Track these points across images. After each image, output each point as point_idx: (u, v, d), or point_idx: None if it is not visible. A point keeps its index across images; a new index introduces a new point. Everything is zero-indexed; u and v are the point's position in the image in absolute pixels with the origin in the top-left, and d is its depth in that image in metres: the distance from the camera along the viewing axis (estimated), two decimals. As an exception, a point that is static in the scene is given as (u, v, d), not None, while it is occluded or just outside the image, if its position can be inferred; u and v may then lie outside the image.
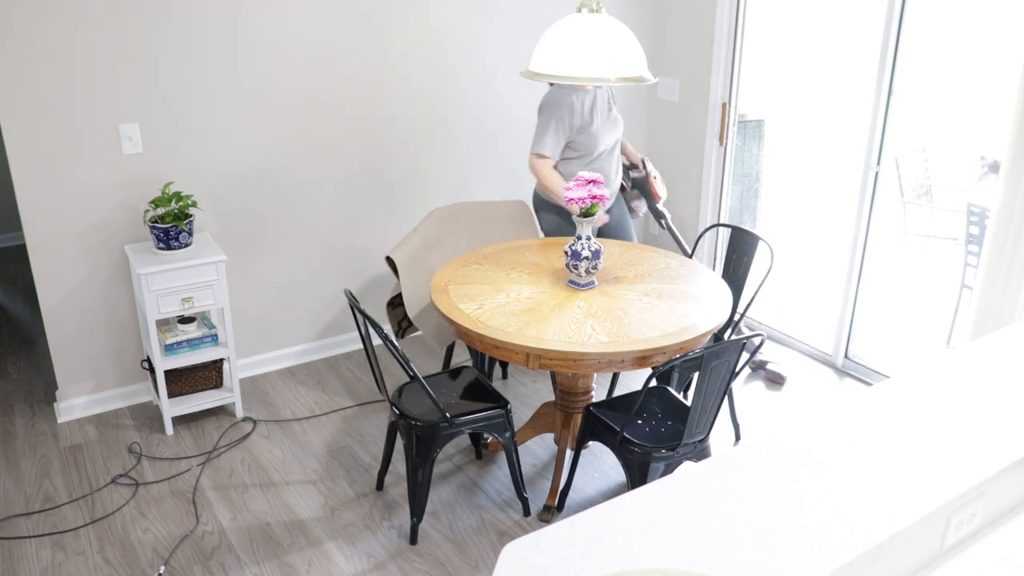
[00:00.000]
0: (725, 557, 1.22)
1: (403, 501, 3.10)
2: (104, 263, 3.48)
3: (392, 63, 3.92)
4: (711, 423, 2.72)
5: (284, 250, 3.92)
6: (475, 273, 3.14)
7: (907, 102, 4.33)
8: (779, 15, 4.60)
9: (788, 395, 3.90)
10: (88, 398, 3.63)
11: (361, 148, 3.98)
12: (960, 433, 1.54)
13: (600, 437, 2.84)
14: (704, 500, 1.34)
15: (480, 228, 3.71)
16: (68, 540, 2.87)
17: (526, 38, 4.25)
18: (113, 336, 3.60)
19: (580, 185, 2.89)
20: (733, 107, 4.51)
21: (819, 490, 1.37)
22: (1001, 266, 3.18)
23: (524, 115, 4.43)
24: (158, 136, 3.45)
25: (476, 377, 3.10)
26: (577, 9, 2.55)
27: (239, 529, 2.94)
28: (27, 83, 3.13)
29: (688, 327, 2.72)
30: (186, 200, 3.40)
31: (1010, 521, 1.53)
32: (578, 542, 1.24)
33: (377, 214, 4.13)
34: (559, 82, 2.47)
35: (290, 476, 3.24)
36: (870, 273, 4.04)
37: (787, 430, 1.56)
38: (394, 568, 2.76)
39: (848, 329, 4.09)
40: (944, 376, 1.75)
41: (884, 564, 1.31)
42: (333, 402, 3.78)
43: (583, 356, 2.59)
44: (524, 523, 3.00)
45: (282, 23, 3.58)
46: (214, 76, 3.49)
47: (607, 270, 3.19)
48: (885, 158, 3.81)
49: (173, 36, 3.35)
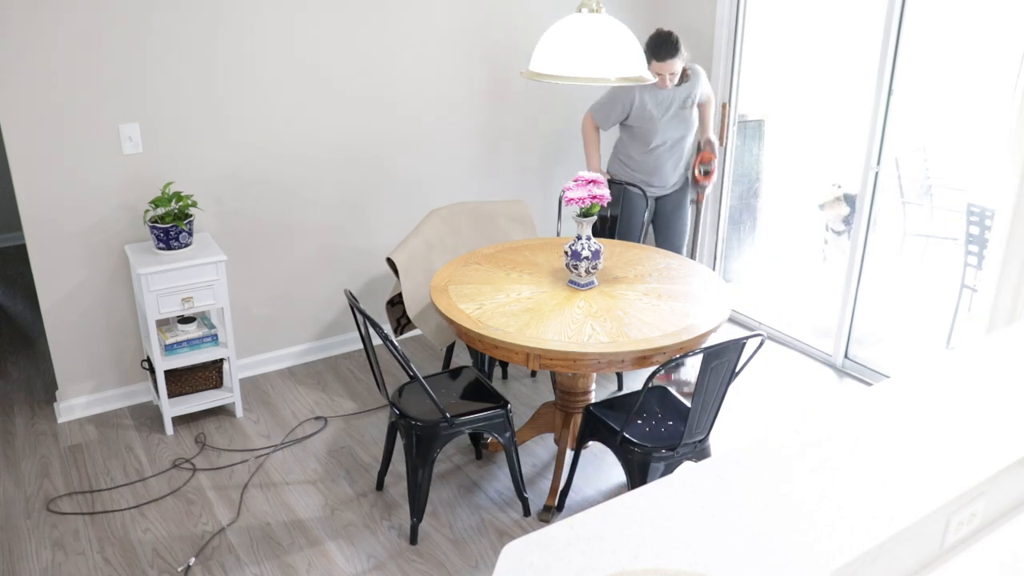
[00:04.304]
0: (725, 557, 1.22)
1: (403, 501, 3.10)
2: (104, 263, 3.48)
3: (393, 63, 3.92)
4: (711, 423, 2.72)
5: (284, 250, 3.92)
6: (475, 273, 3.14)
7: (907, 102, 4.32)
8: (779, 15, 4.60)
9: (788, 395, 3.90)
10: (88, 398, 3.63)
11: (361, 148, 3.97)
12: (960, 433, 1.54)
13: (600, 437, 2.84)
14: (704, 500, 1.34)
15: (480, 228, 3.72)
16: (68, 540, 2.87)
17: (526, 38, 4.25)
18: (113, 336, 3.60)
19: (580, 185, 2.89)
20: (733, 107, 4.51)
21: (819, 490, 1.37)
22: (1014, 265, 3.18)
23: (525, 115, 4.43)
24: (158, 136, 3.45)
25: (476, 377, 3.10)
26: (577, 9, 2.55)
27: (239, 529, 2.94)
28: (27, 83, 3.13)
29: (688, 327, 2.72)
30: (186, 200, 3.40)
31: (1010, 521, 1.53)
32: (578, 542, 1.24)
33: (377, 214, 4.13)
34: (569, 82, 2.50)
35: (290, 476, 3.24)
36: (870, 273, 4.04)
37: (787, 430, 1.55)
38: (394, 568, 2.76)
39: (848, 329, 4.09)
40: (944, 376, 1.75)
41: (884, 564, 1.31)
42: (333, 402, 3.78)
43: (583, 356, 2.59)
44: (524, 523, 3.00)
45: (283, 23, 3.58)
46: (214, 76, 3.49)
47: (607, 270, 3.19)
48: (885, 158, 3.81)
49: (174, 36, 3.35)
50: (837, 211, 5.13)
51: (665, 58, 3.56)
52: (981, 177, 5.11)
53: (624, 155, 3.96)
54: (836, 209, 5.12)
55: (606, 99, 3.84)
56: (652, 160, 3.88)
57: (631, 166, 3.93)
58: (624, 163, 3.97)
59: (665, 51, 3.55)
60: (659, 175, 3.92)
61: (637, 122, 3.80)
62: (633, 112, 3.78)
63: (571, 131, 4.61)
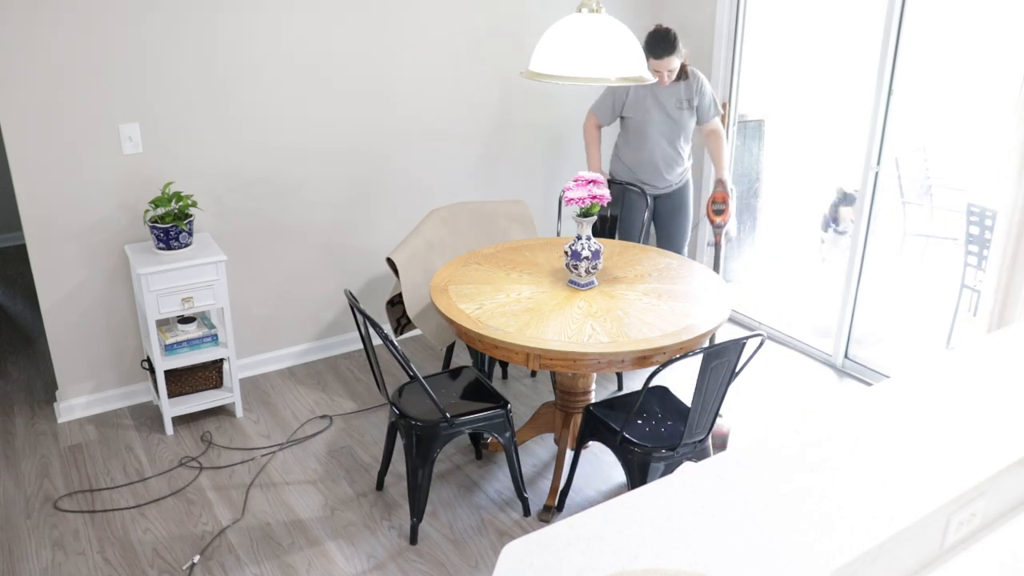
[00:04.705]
0: (725, 557, 1.22)
1: (403, 501, 3.10)
2: (104, 263, 3.48)
3: (394, 63, 3.92)
4: (711, 423, 2.72)
5: (284, 250, 3.92)
6: (475, 273, 3.14)
7: (907, 102, 4.32)
8: (779, 15, 4.60)
9: (788, 395, 3.90)
10: (88, 398, 3.63)
11: (361, 148, 3.97)
12: (960, 433, 1.54)
13: (600, 437, 2.84)
14: (704, 500, 1.34)
15: (480, 228, 3.72)
16: (68, 540, 2.87)
17: (526, 38, 4.25)
18: (113, 336, 3.60)
19: (580, 185, 2.89)
20: (733, 107, 4.51)
21: (819, 490, 1.37)
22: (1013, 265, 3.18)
23: (525, 115, 4.43)
24: (158, 136, 3.45)
25: (476, 377, 3.10)
26: (577, 9, 2.55)
27: (239, 529, 2.94)
28: (27, 83, 3.13)
29: (688, 327, 2.72)
30: (186, 200, 3.40)
31: (1010, 521, 1.53)
32: (578, 542, 1.24)
33: (377, 214, 4.13)
34: (569, 82, 2.50)
35: (290, 476, 3.24)
36: (870, 273, 4.04)
37: (787, 430, 1.55)
38: (394, 568, 2.76)
39: (848, 329, 4.09)
40: (944, 376, 1.75)
41: (884, 564, 1.31)
42: (333, 402, 3.78)
43: (583, 356, 2.59)
44: (524, 523, 3.00)
45: (283, 23, 3.58)
46: (214, 76, 3.49)
47: (607, 270, 3.19)
48: (885, 158, 3.81)
49: (173, 37, 3.35)
50: (846, 211, 5.13)
51: (662, 55, 3.57)
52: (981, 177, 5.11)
53: (622, 153, 3.97)
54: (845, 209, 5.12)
55: (604, 94, 3.89)
56: (647, 156, 3.88)
57: (628, 163, 3.94)
58: (622, 161, 3.97)
59: (662, 48, 3.56)
60: (655, 173, 3.92)
61: (632, 112, 3.82)
62: (628, 101, 3.80)
63: (571, 131, 4.61)
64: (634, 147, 3.91)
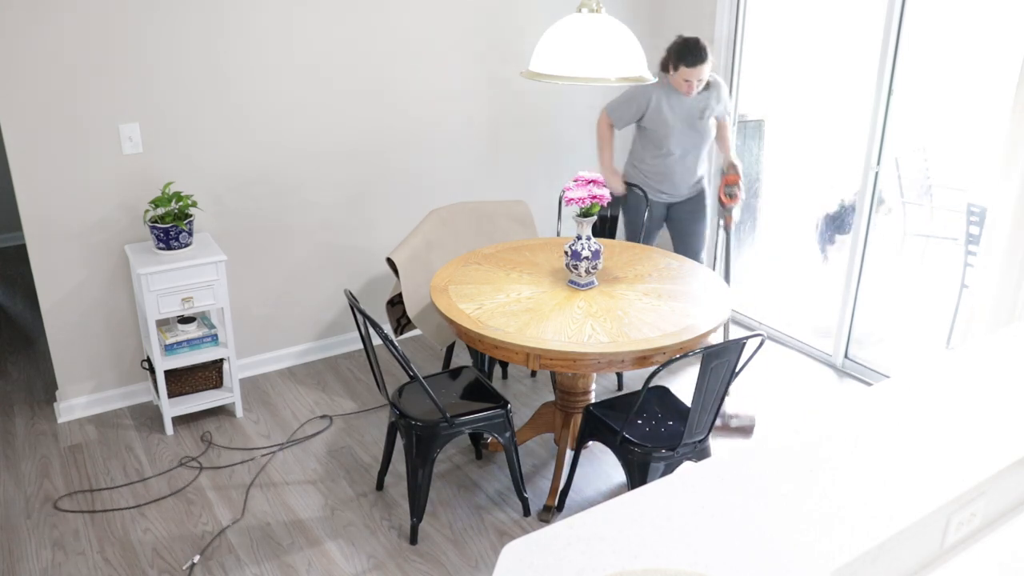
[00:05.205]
0: (725, 557, 1.22)
1: (403, 501, 3.10)
2: (104, 263, 3.48)
3: (394, 63, 3.92)
4: (711, 423, 2.72)
5: (284, 250, 3.92)
6: (475, 273, 3.14)
7: (907, 102, 4.32)
8: (779, 15, 4.60)
9: (788, 395, 3.90)
10: (88, 398, 3.63)
11: (361, 148, 3.97)
12: (960, 433, 1.54)
13: (600, 437, 2.84)
14: (704, 500, 1.34)
15: (480, 228, 3.72)
16: (68, 540, 2.87)
17: (526, 38, 4.25)
18: (113, 336, 3.60)
19: (580, 185, 2.89)
20: (733, 107, 4.51)
21: (819, 490, 1.37)
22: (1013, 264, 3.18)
23: (525, 115, 4.43)
24: (158, 136, 3.45)
25: (476, 377, 3.10)
26: (577, 9, 2.55)
27: (239, 529, 2.94)
28: (27, 83, 3.13)
29: (688, 327, 2.72)
30: (186, 200, 3.40)
31: (1010, 521, 1.53)
32: (578, 542, 1.24)
33: (377, 214, 4.13)
34: (569, 82, 2.50)
35: (290, 476, 3.24)
36: (870, 273, 4.04)
37: (787, 430, 1.55)
38: (394, 568, 2.76)
39: (848, 329, 4.09)
40: (944, 376, 1.75)
41: (884, 564, 1.31)
42: (333, 402, 3.78)
43: (583, 356, 2.59)
44: (524, 523, 3.00)
45: (283, 23, 3.58)
46: (214, 76, 3.49)
47: (607, 270, 3.19)
48: (885, 158, 3.81)
49: (174, 36, 3.35)
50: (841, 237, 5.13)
51: (695, 64, 3.48)
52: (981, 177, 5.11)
53: (638, 159, 3.90)
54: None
55: (623, 98, 3.77)
56: (664, 167, 3.82)
57: (644, 171, 3.89)
58: (637, 167, 3.90)
59: (695, 57, 3.47)
60: (670, 182, 3.86)
61: (651, 124, 3.74)
62: (648, 113, 3.72)
63: (571, 131, 4.61)
64: (652, 156, 3.83)
